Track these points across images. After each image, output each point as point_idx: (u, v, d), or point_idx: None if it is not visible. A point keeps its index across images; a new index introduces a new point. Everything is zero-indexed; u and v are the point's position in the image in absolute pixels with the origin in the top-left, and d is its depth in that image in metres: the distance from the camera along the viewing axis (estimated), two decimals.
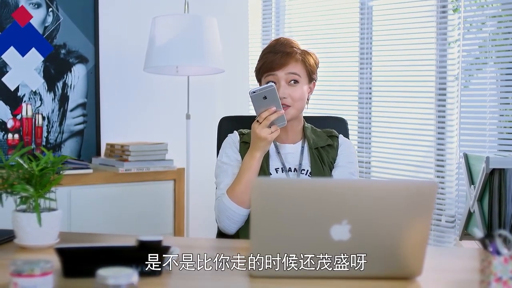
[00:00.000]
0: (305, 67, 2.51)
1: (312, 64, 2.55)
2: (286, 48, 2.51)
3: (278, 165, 2.52)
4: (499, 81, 3.52)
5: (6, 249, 1.88)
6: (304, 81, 2.51)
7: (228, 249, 1.98)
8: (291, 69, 2.47)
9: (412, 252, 1.54)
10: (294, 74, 2.48)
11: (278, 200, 1.47)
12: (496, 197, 2.81)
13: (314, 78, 2.58)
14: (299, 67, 2.50)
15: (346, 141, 2.65)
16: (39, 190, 1.84)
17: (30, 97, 3.85)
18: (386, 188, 1.53)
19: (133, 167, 3.73)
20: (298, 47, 2.55)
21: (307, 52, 2.56)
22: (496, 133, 3.52)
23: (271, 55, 2.51)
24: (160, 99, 4.40)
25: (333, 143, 2.59)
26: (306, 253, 1.52)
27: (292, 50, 2.50)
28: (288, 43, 2.54)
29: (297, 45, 2.57)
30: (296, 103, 2.48)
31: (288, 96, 2.46)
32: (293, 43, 2.56)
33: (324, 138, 2.61)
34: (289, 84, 2.47)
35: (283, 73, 2.47)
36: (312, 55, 2.57)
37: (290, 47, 2.51)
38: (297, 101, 2.48)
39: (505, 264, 1.38)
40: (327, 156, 2.55)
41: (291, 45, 2.53)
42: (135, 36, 4.22)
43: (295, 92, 2.47)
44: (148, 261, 1.54)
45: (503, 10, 3.51)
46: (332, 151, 2.57)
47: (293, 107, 2.48)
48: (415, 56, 3.88)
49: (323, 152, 2.56)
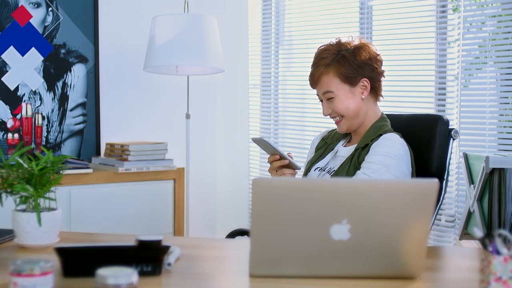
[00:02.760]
0: (338, 75, 2.43)
1: (347, 67, 2.43)
2: (317, 62, 2.47)
3: (322, 165, 2.56)
4: (499, 81, 3.52)
5: (6, 248, 1.88)
6: (343, 91, 2.44)
7: (228, 249, 1.98)
8: (324, 88, 2.44)
9: (412, 251, 1.54)
10: (328, 92, 2.44)
11: (278, 200, 1.47)
12: (496, 197, 2.80)
13: (359, 78, 2.45)
14: (331, 81, 2.44)
15: (383, 139, 2.43)
16: (39, 190, 1.84)
17: (30, 96, 3.85)
18: (386, 187, 1.52)
19: (133, 167, 3.73)
20: (331, 54, 2.46)
21: (342, 55, 2.44)
22: (496, 132, 3.52)
23: (311, 69, 2.51)
24: (160, 99, 4.40)
25: (370, 142, 2.43)
26: (306, 253, 1.52)
27: (323, 62, 2.44)
28: (319, 55, 2.48)
29: (332, 50, 2.47)
30: (344, 114, 2.46)
31: (332, 111, 2.47)
32: (326, 51, 2.47)
33: (369, 137, 2.47)
34: (328, 101, 2.46)
35: (320, 92, 2.47)
36: (348, 56, 2.44)
37: (322, 58, 2.46)
38: (344, 112, 2.45)
39: (505, 264, 1.38)
40: (358, 157, 2.44)
41: (322, 55, 2.46)
42: (135, 35, 4.22)
43: (336, 107, 2.45)
44: (148, 261, 1.53)
45: (503, 9, 3.51)
46: (364, 152, 2.44)
47: (345, 120, 2.47)
48: (414, 56, 3.87)
49: (361, 152, 2.44)
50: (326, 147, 2.64)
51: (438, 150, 2.59)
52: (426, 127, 2.60)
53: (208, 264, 1.76)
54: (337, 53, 2.44)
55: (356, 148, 2.45)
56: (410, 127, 2.61)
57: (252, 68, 4.72)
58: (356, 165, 2.40)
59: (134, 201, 3.76)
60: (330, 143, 2.64)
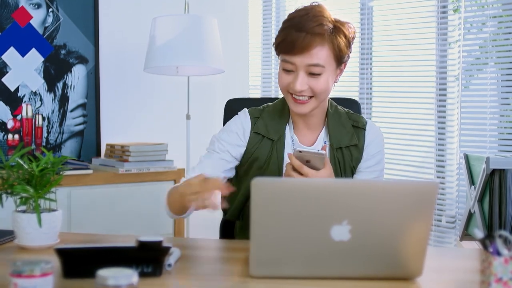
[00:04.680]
0: (333, 51, 2.04)
1: (343, 45, 2.06)
2: (314, 25, 2.00)
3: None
4: (500, 82, 3.52)
5: (6, 249, 1.88)
6: (330, 69, 2.05)
7: (228, 250, 1.98)
8: (314, 59, 2.00)
9: (412, 252, 1.54)
10: (317, 66, 2.01)
11: (278, 200, 1.47)
12: (496, 198, 2.80)
13: (344, 60, 2.10)
14: (324, 54, 2.02)
15: (375, 135, 2.22)
16: (39, 191, 1.84)
17: (30, 97, 3.84)
18: (387, 188, 1.52)
19: (133, 168, 3.73)
20: (330, 21, 2.04)
21: (340, 27, 2.06)
22: (497, 133, 3.52)
23: (294, 32, 2.00)
24: (160, 100, 4.40)
25: (359, 141, 2.18)
26: (306, 254, 1.52)
27: (321, 30, 2.00)
28: (318, 17, 2.02)
29: (329, 17, 2.06)
30: (318, 95, 2.06)
31: (307, 88, 2.04)
32: (324, 15, 2.04)
33: (349, 131, 2.18)
34: (310, 75, 2.03)
35: (303, 62, 2.01)
36: (345, 30, 2.06)
37: (319, 24, 2.00)
38: (320, 93, 2.06)
39: (506, 265, 1.38)
40: (350, 158, 2.17)
41: (321, 21, 2.01)
42: (135, 36, 4.22)
43: (317, 84, 2.04)
44: (148, 261, 1.53)
45: (503, 10, 3.51)
46: (356, 152, 2.18)
47: (314, 100, 2.08)
48: (415, 57, 3.88)
49: (346, 153, 2.17)
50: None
51: None
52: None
53: (209, 265, 1.76)
54: (333, 24, 2.05)
55: (337, 146, 2.15)
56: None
57: (253, 68, 4.72)
58: (351, 167, 2.18)
59: (135, 202, 3.76)
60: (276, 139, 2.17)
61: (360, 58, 4.15)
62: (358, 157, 2.19)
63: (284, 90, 2.09)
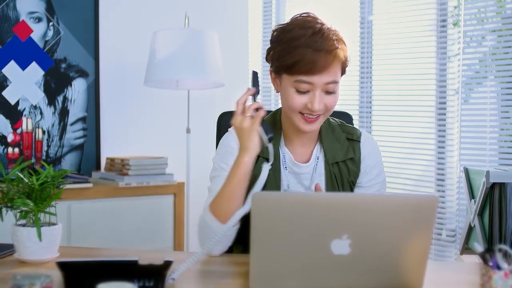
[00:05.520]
0: (342, 63, 1.98)
1: (347, 55, 2.01)
2: (329, 43, 1.93)
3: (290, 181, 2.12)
4: (500, 95, 3.52)
5: (6, 263, 1.88)
6: (339, 83, 2.00)
7: (228, 264, 1.97)
8: (332, 76, 1.94)
9: (412, 266, 1.53)
10: (334, 82, 1.95)
11: (278, 214, 1.47)
12: (496, 211, 2.80)
13: (346, 71, 2.04)
14: (338, 69, 1.97)
15: (370, 147, 2.17)
16: (39, 205, 1.84)
17: (30, 111, 3.85)
18: (387, 202, 1.52)
19: (133, 181, 3.73)
20: (336, 35, 1.97)
21: (340, 37, 1.99)
22: (497, 147, 3.52)
23: (311, 51, 1.91)
24: (160, 113, 4.41)
25: (355, 154, 2.12)
26: (306, 268, 1.51)
27: (334, 47, 1.93)
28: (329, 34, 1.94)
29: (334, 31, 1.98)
30: (329, 111, 2.02)
31: (323, 107, 1.98)
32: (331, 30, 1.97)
33: (343, 145, 2.12)
34: (326, 93, 1.96)
35: (321, 81, 1.93)
36: (344, 40, 2.00)
37: (332, 41, 1.93)
38: (331, 110, 2.02)
39: (506, 279, 1.37)
40: (347, 172, 2.11)
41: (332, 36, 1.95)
42: (136, 50, 4.22)
43: (331, 101, 1.99)
44: (150, 276, 1.53)
45: (503, 24, 3.52)
46: (352, 166, 2.12)
47: (323, 117, 2.02)
48: (415, 70, 3.88)
49: (343, 167, 2.11)
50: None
51: None
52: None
53: (209, 279, 1.76)
54: (336, 35, 1.98)
55: (332, 161, 2.10)
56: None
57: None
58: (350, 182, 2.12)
59: (134, 216, 3.76)
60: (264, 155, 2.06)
61: (360, 72, 4.16)
62: (356, 170, 2.12)
63: (296, 111, 1.99)
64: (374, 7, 4.09)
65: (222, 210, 1.94)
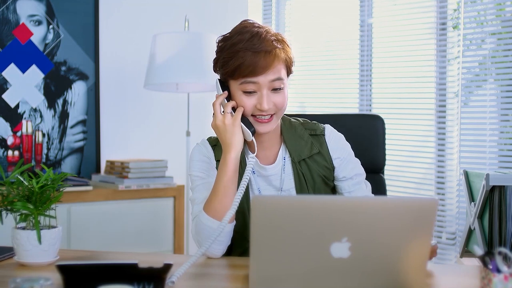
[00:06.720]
0: (285, 62, 2.05)
1: (291, 55, 2.07)
2: (267, 44, 2.00)
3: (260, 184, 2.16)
4: (499, 98, 3.52)
5: (6, 266, 1.88)
6: (286, 82, 2.05)
7: (228, 267, 1.97)
8: (276, 74, 2.00)
9: (412, 269, 1.53)
10: (279, 79, 2.01)
11: (277, 217, 1.47)
12: (496, 215, 2.80)
13: (292, 70, 2.11)
14: (281, 67, 2.03)
15: (337, 139, 2.20)
16: (39, 208, 1.84)
17: (30, 114, 3.85)
18: (386, 205, 1.52)
19: (133, 184, 3.73)
20: (275, 37, 2.05)
21: (281, 38, 2.06)
22: (497, 150, 3.52)
23: (250, 54, 1.99)
24: (160, 116, 4.41)
25: (321, 148, 2.16)
26: (306, 271, 1.51)
27: (273, 47, 2.00)
28: (266, 36, 2.02)
29: (270, 31, 2.05)
30: (280, 111, 2.06)
31: (273, 106, 2.03)
32: (269, 32, 2.04)
33: (307, 141, 2.16)
34: (273, 92, 2.02)
35: (266, 79, 1.99)
36: (284, 38, 2.07)
37: (270, 42, 2.01)
38: (282, 109, 2.06)
39: (505, 282, 1.37)
40: (317, 166, 2.14)
41: (270, 38, 2.02)
42: (136, 53, 4.23)
43: (280, 99, 2.03)
44: (150, 279, 1.53)
45: (502, 27, 3.52)
46: (321, 159, 2.15)
47: (275, 117, 2.07)
48: (415, 73, 3.89)
49: (311, 163, 2.14)
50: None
51: (382, 147, 2.67)
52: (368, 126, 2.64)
53: (208, 282, 1.76)
54: (275, 36, 2.05)
55: (298, 160, 2.13)
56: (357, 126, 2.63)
57: None
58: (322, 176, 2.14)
59: (134, 219, 3.76)
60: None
61: (360, 75, 4.16)
62: (326, 164, 2.15)
63: (249, 114, 2.05)
64: (374, 10, 4.10)
65: (218, 208, 1.97)
